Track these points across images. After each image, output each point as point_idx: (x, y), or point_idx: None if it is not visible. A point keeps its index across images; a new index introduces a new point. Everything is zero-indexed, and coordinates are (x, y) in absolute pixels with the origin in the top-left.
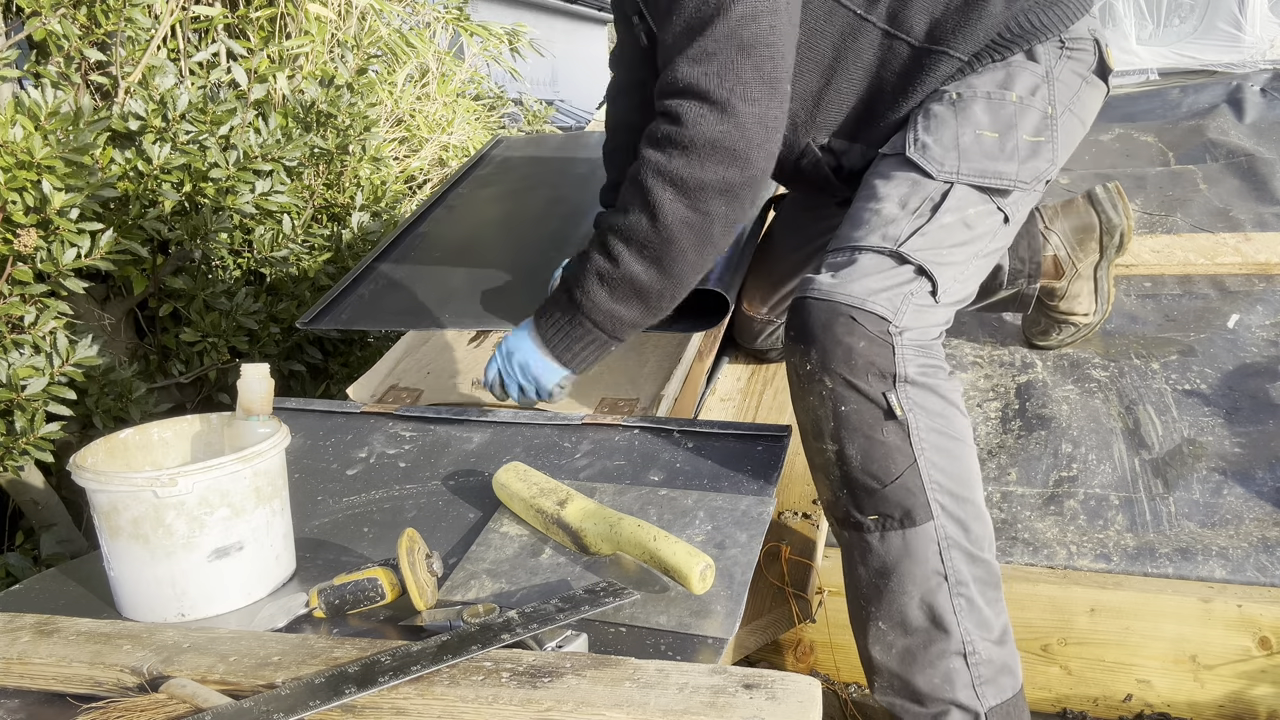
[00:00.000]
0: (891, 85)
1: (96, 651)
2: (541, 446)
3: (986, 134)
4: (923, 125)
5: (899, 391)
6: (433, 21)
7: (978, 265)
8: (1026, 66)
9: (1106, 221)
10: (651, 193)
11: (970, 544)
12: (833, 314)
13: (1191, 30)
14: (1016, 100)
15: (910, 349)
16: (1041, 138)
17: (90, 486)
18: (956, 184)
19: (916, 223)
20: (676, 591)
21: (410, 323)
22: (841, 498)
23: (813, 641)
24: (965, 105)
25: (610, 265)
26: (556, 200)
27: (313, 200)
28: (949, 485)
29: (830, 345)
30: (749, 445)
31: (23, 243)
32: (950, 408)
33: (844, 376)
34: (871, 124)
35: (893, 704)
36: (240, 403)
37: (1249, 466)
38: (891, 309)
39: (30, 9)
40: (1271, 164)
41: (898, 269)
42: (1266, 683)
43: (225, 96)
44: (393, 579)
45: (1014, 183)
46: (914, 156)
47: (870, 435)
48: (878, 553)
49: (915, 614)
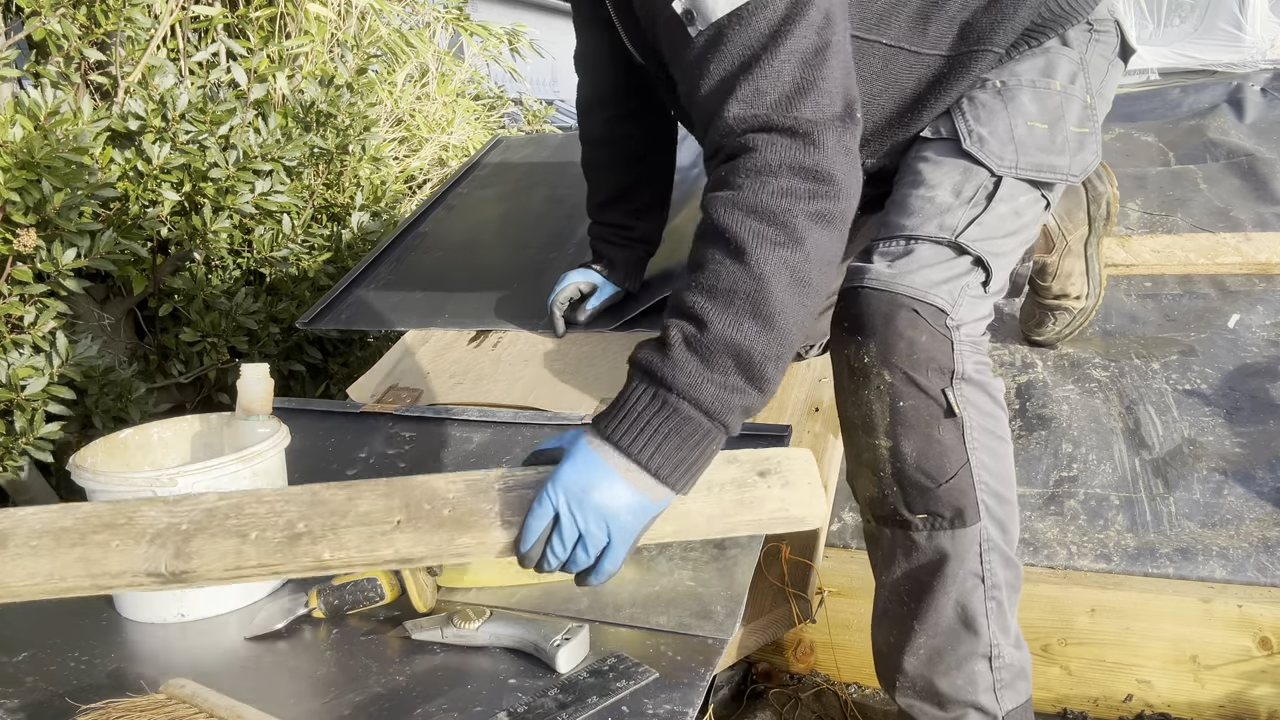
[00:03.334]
0: (930, 92)
1: (84, 559)
2: None
3: (1038, 125)
4: (972, 115)
5: (956, 389)
6: (433, 21)
7: (1019, 255)
8: (1063, 53)
9: (1092, 189)
10: (729, 229)
11: (1007, 546)
12: (894, 305)
13: (1192, 30)
14: (1061, 89)
15: (966, 344)
16: (1086, 129)
17: (90, 486)
18: (1008, 176)
19: (973, 212)
20: (676, 592)
21: (410, 323)
22: (890, 495)
23: (813, 641)
24: (1012, 94)
25: (696, 329)
26: (556, 200)
27: (313, 200)
28: (995, 486)
29: (892, 338)
30: (749, 445)
31: (22, 243)
32: (998, 407)
33: (905, 371)
34: (910, 129)
35: (912, 706)
36: (240, 403)
37: (1249, 466)
38: (950, 302)
39: (30, 9)
40: (1272, 164)
41: (957, 260)
42: (1267, 683)
43: (225, 96)
44: (392, 580)
45: (1066, 176)
46: (972, 149)
47: (928, 433)
48: (923, 552)
49: (949, 615)
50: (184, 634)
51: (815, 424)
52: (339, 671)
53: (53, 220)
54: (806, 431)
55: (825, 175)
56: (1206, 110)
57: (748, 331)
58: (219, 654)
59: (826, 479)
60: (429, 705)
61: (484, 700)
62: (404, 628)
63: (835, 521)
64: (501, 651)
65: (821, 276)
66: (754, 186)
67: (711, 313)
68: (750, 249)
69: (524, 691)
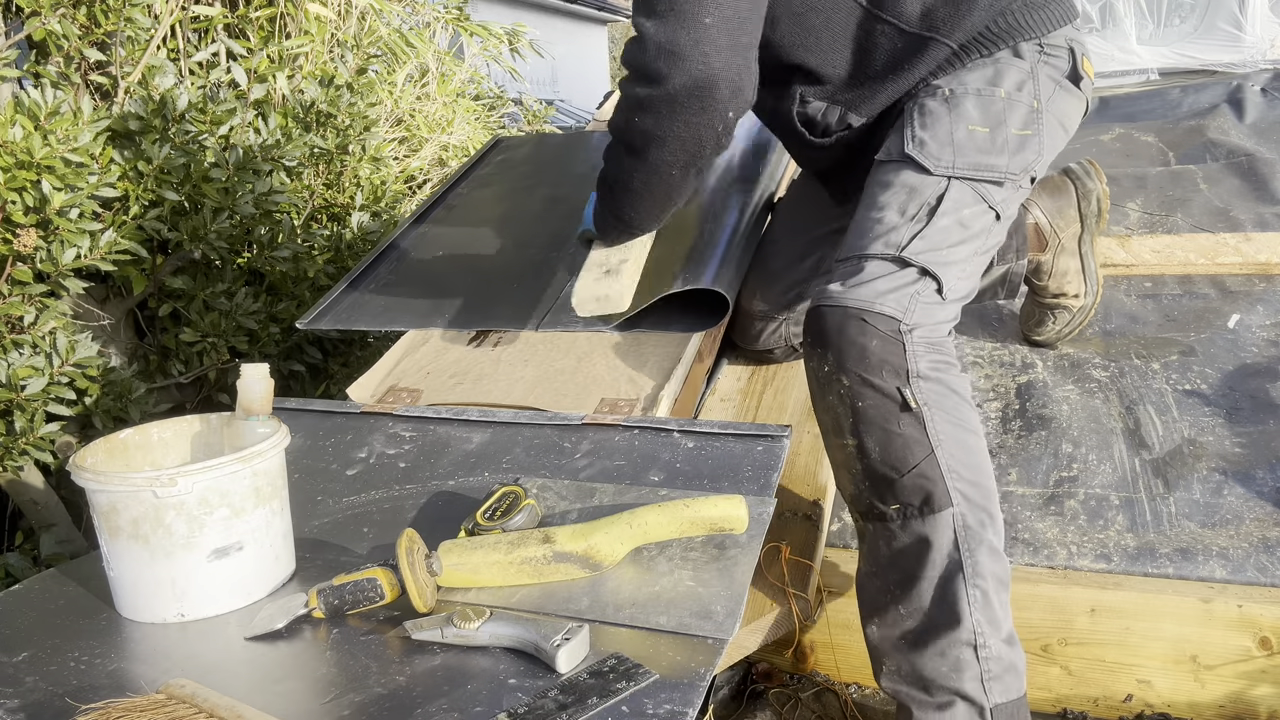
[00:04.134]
0: (885, 65)
1: None
2: (541, 447)
3: (978, 129)
4: (919, 122)
5: (913, 385)
6: (433, 21)
7: (978, 261)
8: (1013, 63)
9: (1081, 187)
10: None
11: (993, 537)
12: (845, 317)
13: (1192, 30)
14: (1005, 96)
15: (921, 346)
16: (1029, 131)
17: (90, 486)
18: (952, 183)
19: (915, 228)
20: (676, 592)
21: (410, 323)
22: (864, 490)
23: (813, 641)
24: (958, 101)
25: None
26: (556, 200)
27: (313, 200)
28: (968, 475)
29: (845, 346)
30: (749, 445)
31: (23, 243)
32: (962, 403)
33: (859, 374)
34: (869, 98)
35: (899, 691)
36: (240, 403)
37: (1249, 466)
38: (900, 308)
39: (30, 9)
40: (1271, 164)
41: (902, 272)
42: (1267, 683)
43: (225, 96)
44: (392, 579)
45: (1004, 175)
46: (912, 152)
47: (887, 428)
48: (899, 540)
49: (930, 598)
50: (184, 634)
51: (815, 424)
52: (339, 671)
53: (53, 220)
54: (806, 431)
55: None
56: (1206, 110)
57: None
58: (219, 654)
59: (826, 479)
60: (429, 705)
61: (484, 700)
62: (404, 628)
63: (835, 521)
64: (501, 651)
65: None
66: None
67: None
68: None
69: (524, 691)
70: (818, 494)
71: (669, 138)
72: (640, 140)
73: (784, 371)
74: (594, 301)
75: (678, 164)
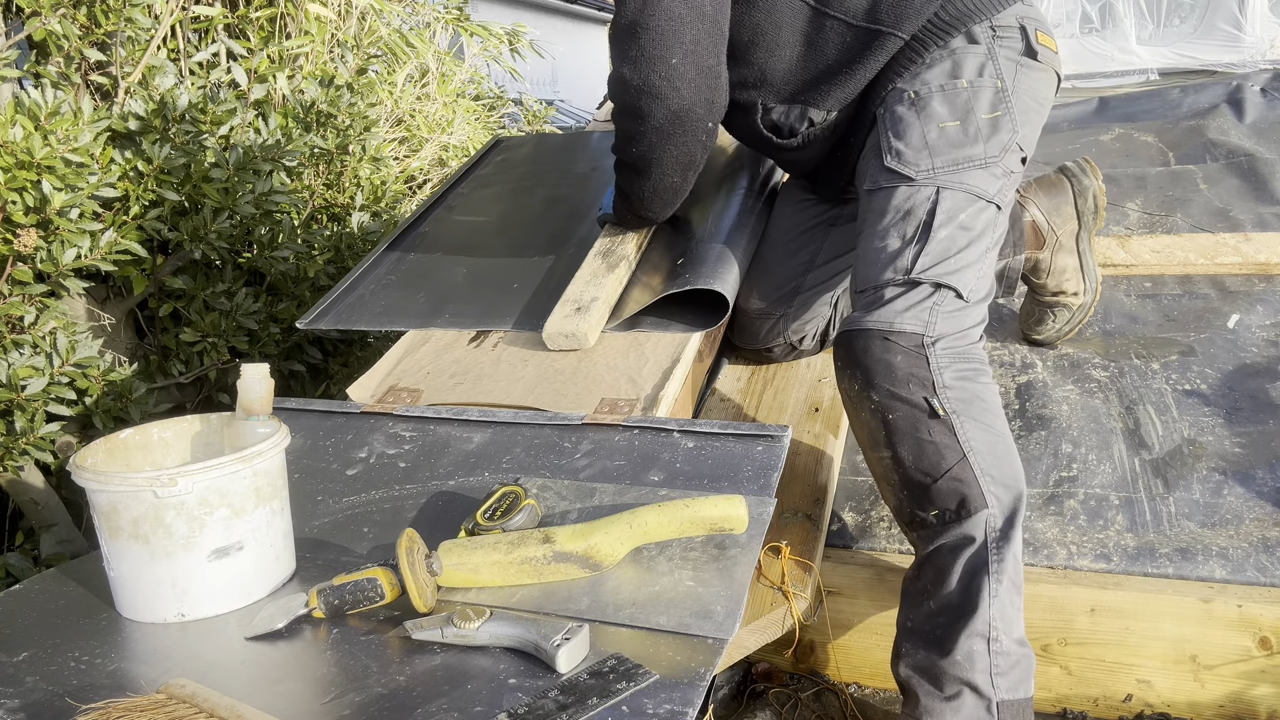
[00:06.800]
0: (837, 60)
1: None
2: (541, 447)
3: (949, 124)
4: (892, 132)
5: (940, 395)
6: (433, 21)
7: (992, 256)
8: (969, 50)
9: (1078, 185)
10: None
11: (1017, 540)
12: (869, 338)
13: (1191, 30)
14: (968, 85)
15: (945, 357)
16: (999, 112)
17: (90, 487)
18: (940, 192)
19: (916, 249)
20: (676, 592)
21: (410, 323)
22: (904, 500)
23: (813, 641)
24: (924, 103)
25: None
26: (556, 200)
27: (313, 200)
28: (1001, 478)
29: (871, 364)
30: (749, 445)
31: (23, 243)
32: (991, 409)
33: (888, 388)
34: (827, 92)
35: (910, 678)
36: (240, 403)
37: (1249, 466)
38: (921, 323)
39: (30, 9)
40: (1271, 164)
41: (915, 290)
42: (1266, 683)
43: (225, 96)
44: (392, 579)
45: (984, 160)
46: (891, 165)
47: (918, 436)
48: (939, 542)
49: (956, 590)
50: (184, 634)
51: (815, 424)
52: (339, 671)
53: (53, 220)
54: (806, 431)
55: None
56: (1206, 110)
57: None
58: (219, 654)
59: (826, 479)
60: (429, 705)
61: (484, 700)
62: (404, 628)
63: (835, 522)
64: (501, 651)
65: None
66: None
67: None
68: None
69: (524, 691)
70: (818, 494)
71: (664, 159)
72: (641, 164)
73: (784, 371)
74: (562, 337)
75: (676, 173)
